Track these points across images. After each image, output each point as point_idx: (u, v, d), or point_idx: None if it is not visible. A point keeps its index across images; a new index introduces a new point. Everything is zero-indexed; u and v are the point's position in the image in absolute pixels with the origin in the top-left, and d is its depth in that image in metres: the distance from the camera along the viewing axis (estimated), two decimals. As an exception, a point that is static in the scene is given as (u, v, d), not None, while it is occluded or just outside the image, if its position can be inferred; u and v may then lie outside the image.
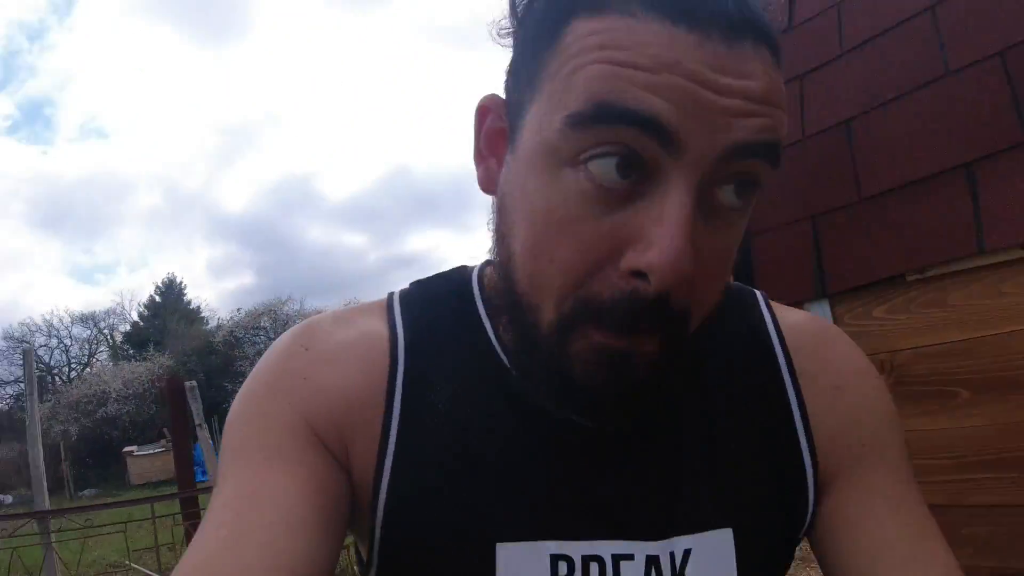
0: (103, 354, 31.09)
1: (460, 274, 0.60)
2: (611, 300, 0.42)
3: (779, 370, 0.57)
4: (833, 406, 0.57)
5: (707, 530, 0.52)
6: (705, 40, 0.39)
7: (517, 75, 0.48)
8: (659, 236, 0.40)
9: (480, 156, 0.53)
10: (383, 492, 0.50)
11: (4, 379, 26.61)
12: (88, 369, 28.95)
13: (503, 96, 0.51)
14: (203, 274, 55.40)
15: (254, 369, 0.55)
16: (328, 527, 0.47)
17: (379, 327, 0.55)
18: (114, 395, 12.55)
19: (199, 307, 34.54)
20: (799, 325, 0.60)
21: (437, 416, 0.52)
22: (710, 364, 0.56)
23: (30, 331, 28.62)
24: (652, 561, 0.50)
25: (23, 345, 26.73)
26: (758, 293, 0.62)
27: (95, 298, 53.76)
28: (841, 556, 0.53)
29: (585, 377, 0.45)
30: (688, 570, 0.51)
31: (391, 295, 0.59)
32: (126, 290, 56.97)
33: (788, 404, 0.56)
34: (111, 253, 59.02)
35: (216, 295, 56.01)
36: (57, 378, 28.87)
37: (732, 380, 0.56)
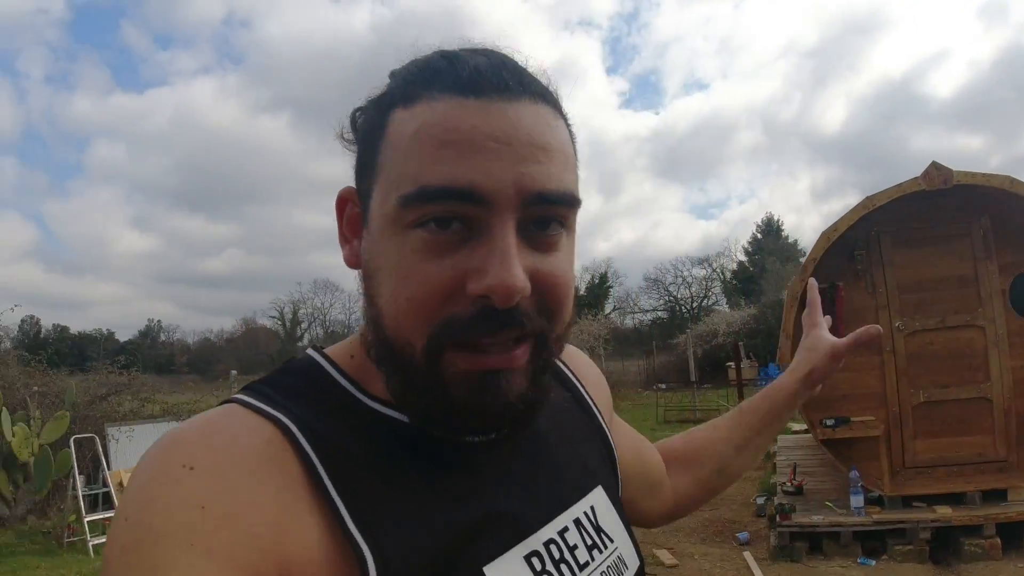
0: (716, 287, 39.29)
1: (298, 362, 0.61)
2: (468, 316, 0.50)
3: (569, 375, 0.77)
4: (597, 386, 0.80)
5: (590, 491, 0.66)
6: (489, 103, 0.50)
7: (362, 167, 0.57)
8: (491, 265, 0.48)
9: (344, 239, 0.60)
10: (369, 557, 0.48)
11: (645, 308, 39.61)
12: (705, 300, 38.37)
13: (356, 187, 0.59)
14: (806, 198, 60.62)
15: (122, 507, 0.46)
16: None
17: (258, 424, 0.51)
18: (720, 332, 20.75)
19: (796, 241, 36.79)
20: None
21: (367, 485, 0.51)
22: None
23: (661, 272, 39.57)
24: (578, 524, 0.62)
25: (657, 284, 38.33)
26: None
27: (711, 230, 61.91)
28: (626, 464, 0.77)
29: (460, 398, 0.51)
30: (599, 521, 0.65)
31: (234, 399, 0.55)
32: (731, 233, 64.86)
33: (584, 395, 0.76)
34: (722, 189, 67.86)
35: (820, 218, 59.71)
36: (684, 308, 38.78)
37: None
